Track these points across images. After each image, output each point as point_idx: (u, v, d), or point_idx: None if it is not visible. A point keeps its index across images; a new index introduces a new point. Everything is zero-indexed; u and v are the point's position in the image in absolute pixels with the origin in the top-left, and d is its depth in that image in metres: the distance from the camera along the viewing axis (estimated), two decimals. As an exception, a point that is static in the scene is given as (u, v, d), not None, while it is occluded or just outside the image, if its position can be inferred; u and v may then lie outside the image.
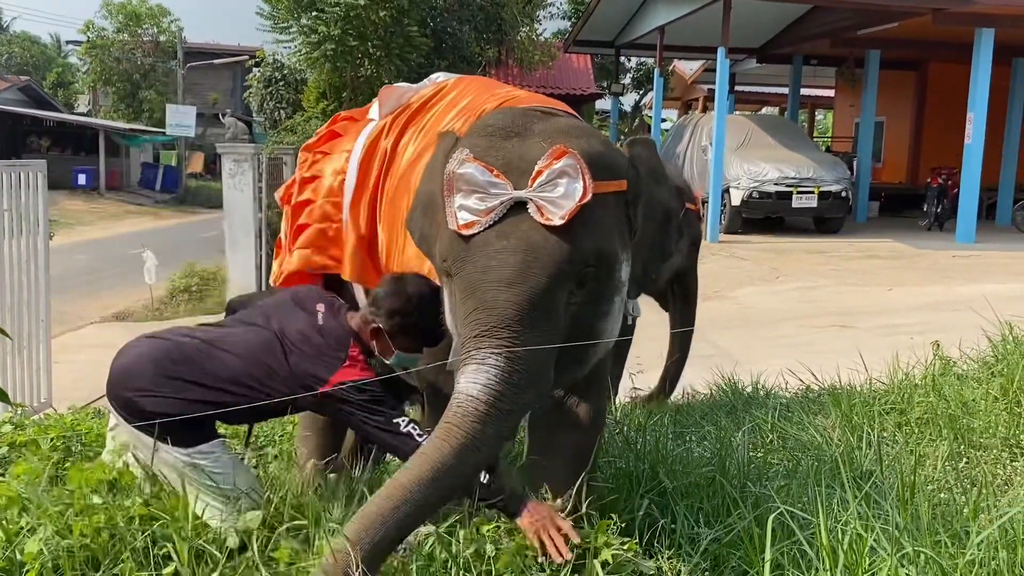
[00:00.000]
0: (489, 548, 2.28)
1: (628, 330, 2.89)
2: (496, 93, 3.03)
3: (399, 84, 3.35)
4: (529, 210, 2.16)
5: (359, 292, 3.16)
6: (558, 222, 2.13)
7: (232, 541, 2.44)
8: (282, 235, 3.44)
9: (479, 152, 2.24)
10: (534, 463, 2.69)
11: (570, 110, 2.73)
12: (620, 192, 2.35)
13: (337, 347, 2.53)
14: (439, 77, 3.38)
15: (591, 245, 2.20)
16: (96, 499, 2.57)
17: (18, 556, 2.41)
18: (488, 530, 2.33)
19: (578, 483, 2.43)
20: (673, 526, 2.56)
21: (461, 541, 2.29)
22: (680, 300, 4.93)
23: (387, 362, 2.61)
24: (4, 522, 2.52)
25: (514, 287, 2.10)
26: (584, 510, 2.38)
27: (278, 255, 3.43)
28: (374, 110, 3.30)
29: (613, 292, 2.33)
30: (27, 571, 2.39)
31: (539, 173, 2.16)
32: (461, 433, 2.02)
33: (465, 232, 2.18)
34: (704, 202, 13.20)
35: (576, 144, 2.24)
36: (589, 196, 2.15)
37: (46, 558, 2.40)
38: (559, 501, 2.41)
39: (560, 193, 2.14)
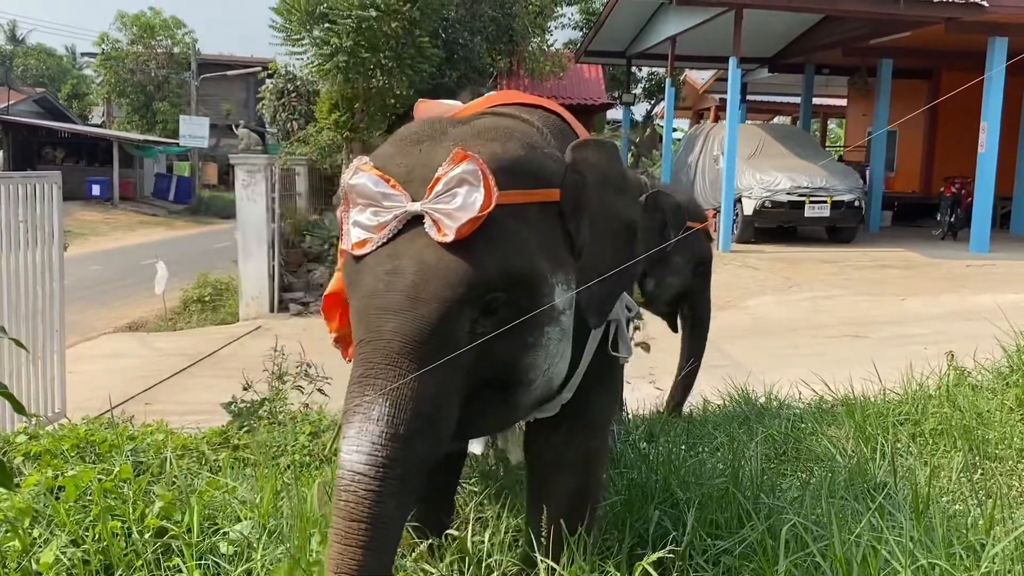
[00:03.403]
0: None
1: (617, 372, 2.49)
2: (508, 101, 2.95)
3: (443, 101, 3.10)
4: (425, 225, 1.87)
5: None
6: (451, 238, 1.83)
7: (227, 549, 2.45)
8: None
9: (381, 160, 1.98)
10: (531, 505, 2.48)
11: (561, 110, 2.56)
12: (549, 203, 2.03)
13: None
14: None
15: (498, 265, 1.87)
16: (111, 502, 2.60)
17: (34, 566, 2.43)
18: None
19: (576, 529, 2.31)
20: (686, 538, 2.55)
21: None
22: (688, 325, 4.73)
23: None
24: (20, 532, 2.53)
25: (402, 315, 1.80)
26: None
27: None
28: None
29: (541, 321, 1.96)
30: (42, 581, 2.40)
31: (436, 181, 1.87)
32: (362, 526, 1.72)
33: (358, 252, 1.91)
34: (716, 212, 13.17)
35: (486, 147, 1.94)
36: (491, 207, 1.84)
37: (61, 567, 2.41)
38: None
39: (457, 204, 1.84)
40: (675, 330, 4.79)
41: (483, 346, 1.87)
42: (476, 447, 2.93)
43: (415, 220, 1.88)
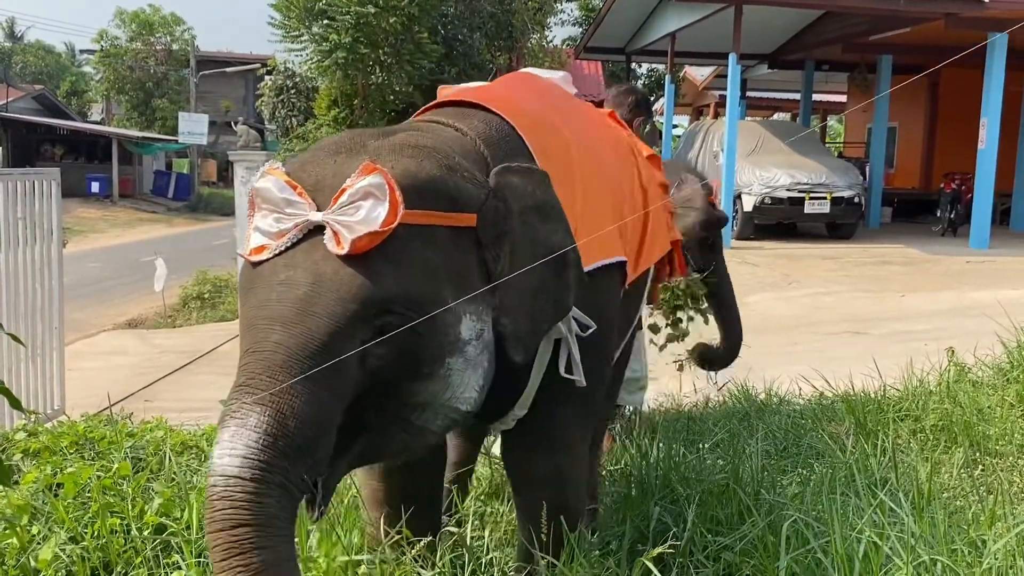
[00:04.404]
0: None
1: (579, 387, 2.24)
2: (516, 86, 2.80)
3: (470, 84, 3.09)
4: (325, 237, 1.77)
5: None
6: (347, 251, 1.73)
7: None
8: None
9: (294, 167, 1.91)
10: (517, 514, 2.48)
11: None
12: (464, 228, 1.92)
13: None
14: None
15: (396, 286, 1.77)
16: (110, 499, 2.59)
17: (32, 563, 2.42)
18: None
19: (556, 540, 2.29)
20: (686, 534, 2.54)
21: None
22: (715, 307, 4.36)
23: None
24: (18, 529, 2.53)
25: (288, 328, 1.71)
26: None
27: None
28: None
29: (442, 351, 1.87)
30: (40, 578, 2.40)
31: (342, 192, 1.77)
32: (247, 530, 1.60)
33: (254, 258, 1.82)
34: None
35: (400, 163, 1.85)
36: (395, 223, 1.74)
37: (60, 564, 2.41)
38: None
39: (360, 217, 1.74)
40: (706, 321, 4.49)
41: (374, 370, 1.79)
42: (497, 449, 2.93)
43: (317, 231, 1.78)
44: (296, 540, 1.78)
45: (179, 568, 2.44)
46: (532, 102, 2.54)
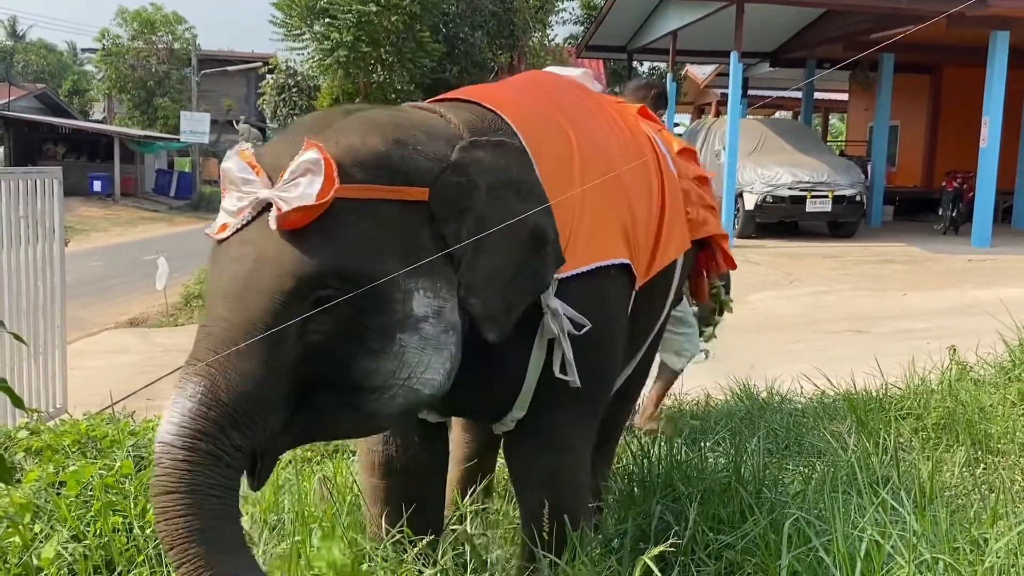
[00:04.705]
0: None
1: (578, 390, 2.22)
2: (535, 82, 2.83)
3: (553, 69, 3.04)
4: (271, 213, 1.81)
5: None
6: (276, 227, 1.78)
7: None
8: None
9: (263, 147, 1.98)
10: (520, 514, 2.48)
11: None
12: (415, 203, 1.92)
13: None
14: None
15: (331, 260, 1.79)
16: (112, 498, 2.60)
17: (35, 561, 2.43)
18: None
19: (555, 542, 2.29)
20: (688, 532, 2.54)
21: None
22: None
23: None
24: (21, 528, 2.53)
25: (230, 302, 1.78)
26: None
27: None
28: None
29: (390, 329, 1.86)
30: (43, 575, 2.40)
31: (285, 170, 1.82)
32: (176, 496, 1.66)
33: (217, 236, 1.88)
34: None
35: (346, 139, 1.88)
36: (328, 197, 1.77)
37: (63, 562, 2.41)
38: None
39: (298, 193, 1.78)
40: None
41: (319, 345, 1.80)
42: None
43: (269, 208, 1.82)
44: (240, 509, 1.81)
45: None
46: (536, 100, 2.52)
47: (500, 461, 3.20)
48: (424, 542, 2.36)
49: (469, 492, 2.90)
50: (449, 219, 1.97)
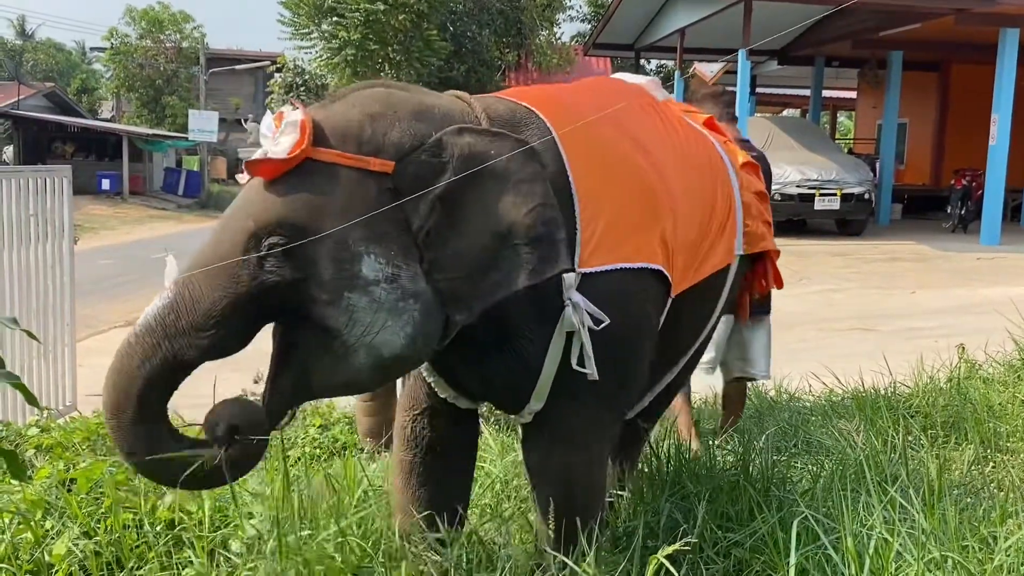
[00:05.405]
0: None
1: (596, 387, 2.24)
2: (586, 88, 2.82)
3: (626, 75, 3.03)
4: None
5: None
6: (251, 173, 2.07)
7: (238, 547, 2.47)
8: None
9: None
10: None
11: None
12: (377, 174, 2.03)
13: None
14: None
15: (283, 211, 1.99)
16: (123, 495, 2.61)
17: (46, 558, 2.44)
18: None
19: (568, 538, 2.30)
20: (697, 530, 2.54)
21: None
22: None
23: None
24: (32, 524, 2.55)
25: (213, 237, 2.10)
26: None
27: None
28: None
29: (338, 285, 2.00)
30: (55, 572, 2.42)
31: (277, 128, 2.05)
32: (120, 376, 2.05)
33: (243, 181, 2.18)
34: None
35: (331, 107, 2.12)
36: (296, 154, 1.97)
37: (73, 559, 2.42)
38: None
39: (278, 148, 2.00)
40: None
41: (273, 284, 1.99)
42: None
43: None
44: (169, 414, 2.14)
45: (191, 563, 2.45)
46: (586, 102, 2.51)
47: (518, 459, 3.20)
48: (443, 528, 2.40)
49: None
50: (410, 194, 2.05)
